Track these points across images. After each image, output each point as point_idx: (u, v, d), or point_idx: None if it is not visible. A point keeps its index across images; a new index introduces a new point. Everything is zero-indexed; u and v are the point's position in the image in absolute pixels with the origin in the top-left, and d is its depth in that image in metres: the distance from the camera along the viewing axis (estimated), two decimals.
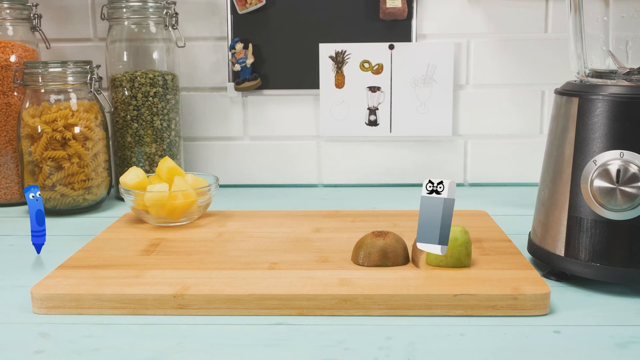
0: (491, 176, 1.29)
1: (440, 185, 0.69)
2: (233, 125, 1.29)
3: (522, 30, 1.24)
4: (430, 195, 0.69)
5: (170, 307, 0.68)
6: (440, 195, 0.69)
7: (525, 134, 1.28)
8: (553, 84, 1.20)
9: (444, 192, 0.69)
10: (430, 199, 0.69)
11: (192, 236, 0.89)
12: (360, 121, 1.27)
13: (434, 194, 0.69)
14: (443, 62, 1.24)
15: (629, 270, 0.70)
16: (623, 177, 0.69)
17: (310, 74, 1.26)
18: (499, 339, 0.62)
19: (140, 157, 1.16)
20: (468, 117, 1.27)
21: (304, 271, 0.74)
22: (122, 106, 1.15)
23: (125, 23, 1.15)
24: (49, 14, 1.26)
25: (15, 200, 1.17)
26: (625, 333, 0.63)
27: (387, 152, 1.29)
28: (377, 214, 1.00)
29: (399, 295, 0.67)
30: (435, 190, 0.69)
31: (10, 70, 1.12)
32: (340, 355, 0.59)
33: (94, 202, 1.11)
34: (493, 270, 0.73)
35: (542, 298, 0.67)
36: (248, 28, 1.25)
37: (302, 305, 0.67)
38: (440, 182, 0.69)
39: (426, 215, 0.69)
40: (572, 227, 0.73)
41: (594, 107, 0.72)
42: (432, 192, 0.69)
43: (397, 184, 1.30)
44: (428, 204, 0.69)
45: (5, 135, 1.14)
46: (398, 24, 1.24)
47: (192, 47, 1.27)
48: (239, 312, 0.68)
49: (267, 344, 0.61)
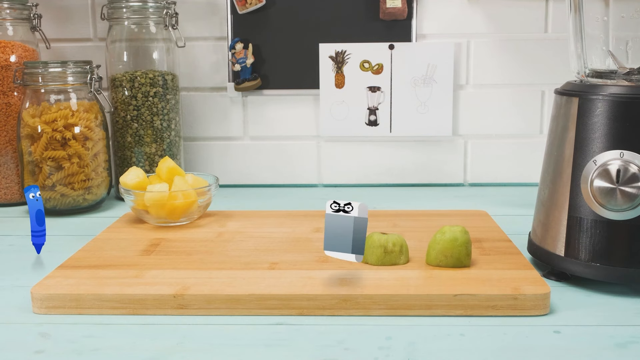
0: (491, 176, 1.29)
1: (349, 206, 0.70)
2: (233, 125, 1.29)
3: (522, 30, 1.24)
4: (337, 214, 0.70)
5: (170, 307, 0.68)
6: (349, 214, 0.70)
7: (525, 134, 1.28)
8: (553, 84, 1.20)
9: (353, 212, 0.70)
10: (337, 216, 0.70)
11: (192, 236, 0.89)
12: (360, 121, 1.27)
13: (341, 212, 0.71)
14: (443, 62, 1.24)
15: (629, 270, 0.70)
16: (623, 177, 0.69)
17: (310, 74, 1.26)
18: (499, 339, 0.62)
19: (140, 157, 1.16)
20: (468, 117, 1.27)
21: (304, 271, 0.74)
22: (122, 106, 1.15)
23: (125, 23, 1.15)
24: (49, 14, 1.26)
25: (15, 200, 1.17)
26: (625, 333, 0.63)
27: (387, 152, 1.29)
28: (377, 214, 1.00)
29: (399, 295, 0.67)
30: (342, 210, 0.71)
31: (10, 70, 1.12)
32: (340, 355, 0.59)
33: (94, 202, 1.11)
34: (493, 270, 0.73)
35: (542, 298, 0.67)
36: (248, 28, 1.25)
37: (302, 305, 0.67)
38: (348, 203, 0.70)
39: (333, 229, 0.71)
40: (572, 227, 0.73)
41: (594, 107, 0.72)
42: (339, 211, 0.71)
43: (397, 184, 1.30)
44: (335, 220, 0.70)
45: (5, 135, 1.14)
46: (398, 24, 1.24)
47: (192, 47, 1.27)
48: (239, 312, 0.68)
49: (267, 344, 0.61)
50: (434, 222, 0.94)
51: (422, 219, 0.96)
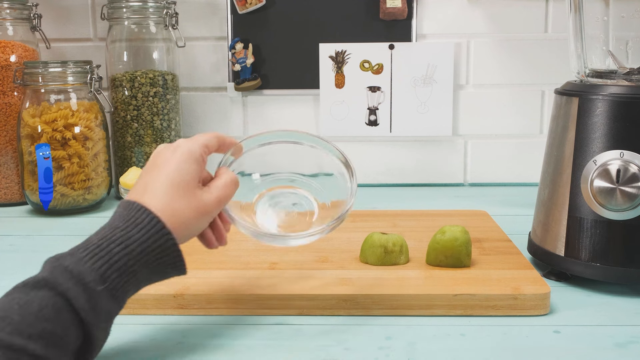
0: (491, 176, 1.29)
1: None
2: (233, 125, 1.29)
3: (522, 30, 1.24)
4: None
5: (170, 307, 0.68)
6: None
7: (525, 134, 1.28)
8: (553, 84, 1.20)
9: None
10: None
11: None
12: (360, 121, 1.27)
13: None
14: (443, 62, 1.24)
15: (628, 270, 0.70)
16: (623, 177, 0.69)
17: (310, 74, 1.26)
18: (499, 339, 0.62)
19: (140, 157, 1.16)
20: (468, 117, 1.27)
21: (304, 271, 0.74)
22: (122, 106, 1.15)
23: (125, 23, 1.15)
24: (49, 14, 1.26)
25: (15, 200, 1.16)
26: (625, 333, 0.63)
27: (387, 152, 1.29)
28: (377, 214, 1.00)
29: (399, 295, 0.67)
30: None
31: (10, 70, 1.12)
32: (340, 355, 0.59)
33: (94, 202, 1.11)
34: (493, 270, 0.73)
35: (542, 298, 0.67)
36: (248, 28, 1.25)
37: (302, 305, 0.67)
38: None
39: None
40: (572, 227, 0.73)
41: (594, 107, 0.72)
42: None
43: (397, 184, 1.30)
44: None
45: (5, 135, 1.14)
46: (398, 24, 1.24)
47: (192, 47, 1.27)
48: (239, 312, 0.68)
49: (267, 344, 0.61)
50: (434, 222, 0.94)
51: (422, 219, 0.96)
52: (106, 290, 0.51)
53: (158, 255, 0.54)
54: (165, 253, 0.55)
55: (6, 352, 0.44)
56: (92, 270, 0.50)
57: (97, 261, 0.51)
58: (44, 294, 0.48)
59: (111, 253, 0.52)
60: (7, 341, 0.45)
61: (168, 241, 0.55)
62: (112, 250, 0.52)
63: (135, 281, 0.54)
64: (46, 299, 0.48)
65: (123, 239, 0.53)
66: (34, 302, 0.47)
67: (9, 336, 0.45)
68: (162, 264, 0.55)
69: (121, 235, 0.53)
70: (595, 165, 0.71)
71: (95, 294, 0.50)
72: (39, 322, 0.47)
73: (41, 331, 0.46)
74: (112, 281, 0.51)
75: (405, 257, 0.77)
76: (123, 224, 0.54)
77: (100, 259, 0.51)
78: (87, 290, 0.49)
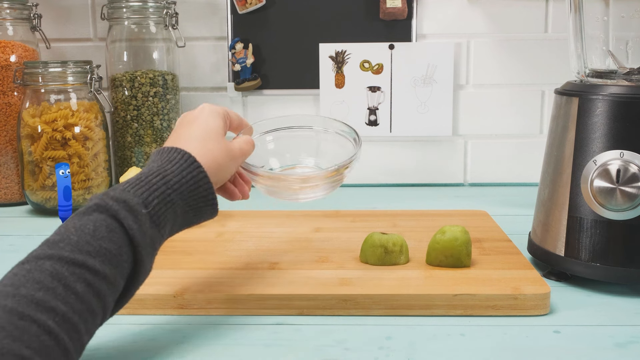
0: (491, 176, 1.29)
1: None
2: None
3: (522, 30, 1.24)
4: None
5: (170, 307, 0.68)
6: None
7: (525, 134, 1.28)
8: (553, 84, 1.20)
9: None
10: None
11: (192, 236, 0.89)
12: (360, 121, 1.27)
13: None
14: (443, 62, 1.24)
15: (628, 270, 0.70)
16: (623, 177, 0.69)
17: (310, 74, 1.26)
18: (499, 339, 0.62)
19: (140, 157, 1.16)
20: (468, 117, 1.27)
21: (304, 271, 0.74)
22: (122, 106, 1.15)
23: (125, 23, 1.15)
24: (49, 14, 1.26)
25: (15, 200, 1.17)
26: (625, 333, 0.63)
27: (387, 152, 1.29)
28: (377, 214, 1.00)
29: (399, 295, 0.67)
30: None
31: (10, 70, 1.12)
32: (340, 355, 0.59)
33: None
34: (493, 270, 0.73)
35: (542, 298, 0.67)
36: (248, 28, 1.25)
37: (302, 305, 0.67)
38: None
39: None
40: (572, 227, 0.73)
41: (594, 107, 0.72)
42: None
43: (397, 184, 1.30)
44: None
45: (5, 135, 1.14)
46: (398, 24, 1.24)
47: (192, 47, 1.27)
48: (239, 312, 0.68)
49: (267, 344, 0.61)
50: (434, 222, 0.94)
51: (422, 219, 0.97)
52: (149, 215, 0.56)
53: (192, 186, 0.60)
54: (198, 185, 0.61)
55: (69, 268, 0.49)
56: (135, 196, 0.56)
57: (138, 189, 0.57)
58: (97, 217, 0.53)
59: (150, 183, 0.58)
60: (70, 257, 0.49)
61: (200, 173, 0.61)
62: (151, 181, 0.58)
63: (173, 213, 0.59)
64: (99, 221, 0.53)
65: (160, 171, 0.59)
66: (88, 224, 0.52)
67: (70, 253, 0.50)
68: (196, 197, 0.61)
69: (157, 170, 0.59)
70: (595, 165, 0.71)
71: (141, 216, 0.55)
72: (95, 241, 0.51)
73: (98, 248, 0.51)
74: (154, 207, 0.57)
75: (405, 257, 0.77)
76: (158, 163, 0.60)
77: (141, 187, 0.57)
78: (133, 211, 0.54)
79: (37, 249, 0.51)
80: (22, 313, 0.44)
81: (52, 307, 0.46)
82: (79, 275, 0.49)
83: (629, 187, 0.69)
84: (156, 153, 0.63)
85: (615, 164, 0.70)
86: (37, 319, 0.44)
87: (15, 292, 0.46)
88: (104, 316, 0.52)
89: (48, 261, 0.49)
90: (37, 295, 0.46)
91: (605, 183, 0.70)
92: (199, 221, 0.63)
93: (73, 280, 0.48)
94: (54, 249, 0.50)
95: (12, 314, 0.44)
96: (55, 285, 0.47)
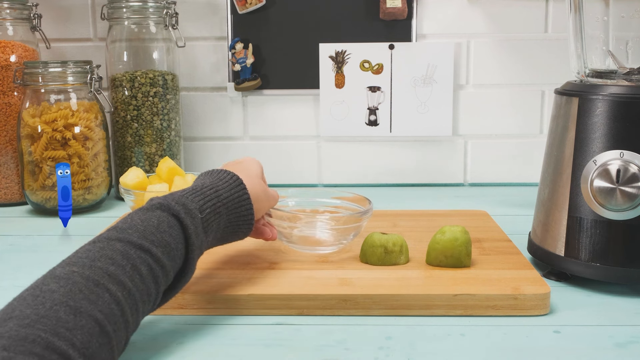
0: (491, 176, 1.29)
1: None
2: (233, 125, 1.29)
3: (522, 30, 1.24)
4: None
5: (171, 307, 0.68)
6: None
7: (525, 134, 1.28)
8: (553, 84, 1.20)
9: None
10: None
11: None
12: (360, 121, 1.27)
13: None
14: (443, 62, 1.24)
15: (628, 270, 0.70)
16: (623, 177, 0.69)
17: (310, 74, 1.26)
18: (499, 339, 0.62)
19: (140, 157, 1.16)
20: (468, 117, 1.27)
21: (304, 271, 0.74)
22: (122, 106, 1.15)
23: (125, 23, 1.15)
24: (49, 14, 1.26)
25: (15, 200, 1.17)
26: (625, 333, 0.63)
27: (387, 152, 1.29)
28: (377, 214, 1.00)
29: (399, 295, 0.67)
30: None
31: (10, 70, 1.12)
32: (340, 355, 0.59)
33: (94, 202, 1.11)
34: (493, 270, 0.73)
35: (542, 298, 0.67)
36: (248, 28, 1.25)
37: (302, 305, 0.67)
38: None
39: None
40: (572, 227, 0.73)
41: (594, 107, 0.72)
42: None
43: (397, 184, 1.30)
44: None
45: (5, 135, 1.14)
46: (398, 24, 1.24)
47: (192, 47, 1.27)
48: (239, 312, 0.68)
49: (267, 344, 0.61)
50: (434, 222, 0.94)
51: (422, 219, 0.97)
52: (202, 221, 0.63)
53: (237, 204, 0.68)
54: (242, 204, 0.69)
55: (137, 251, 0.55)
56: (192, 202, 0.63)
57: (195, 197, 0.64)
58: (159, 214, 0.60)
59: (205, 194, 0.65)
60: (138, 242, 0.55)
61: (245, 194, 0.69)
62: (205, 192, 0.65)
63: (217, 225, 0.65)
64: (162, 217, 0.59)
65: (213, 186, 0.67)
66: (152, 219, 0.59)
67: (138, 239, 0.56)
68: (237, 214, 0.68)
69: (210, 184, 0.67)
70: (595, 165, 0.71)
71: (196, 219, 0.62)
72: (158, 233, 0.57)
73: (160, 239, 0.57)
74: (206, 215, 0.64)
75: (405, 257, 0.77)
76: (210, 180, 0.68)
77: (197, 196, 0.64)
78: (190, 214, 0.61)
79: (106, 233, 0.56)
80: (98, 281, 0.50)
81: (122, 282, 0.52)
82: (144, 260, 0.55)
83: (629, 187, 0.69)
84: (206, 173, 0.71)
85: (615, 164, 0.70)
86: (109, 288, 0.50)
87: (91, 264, 0.52)
88: (154, 303, 0.57)
89: (119, 243, 0.55)
90: (110, 269, 0.52)
91: (605, 183, 0.70)
92: (232, 239, 0.70)
93: (139, 262, 0.54)
94: (123, 233, 0.56)
95: (89, 280, 0.50)
96: (125, 264, 0.53)
